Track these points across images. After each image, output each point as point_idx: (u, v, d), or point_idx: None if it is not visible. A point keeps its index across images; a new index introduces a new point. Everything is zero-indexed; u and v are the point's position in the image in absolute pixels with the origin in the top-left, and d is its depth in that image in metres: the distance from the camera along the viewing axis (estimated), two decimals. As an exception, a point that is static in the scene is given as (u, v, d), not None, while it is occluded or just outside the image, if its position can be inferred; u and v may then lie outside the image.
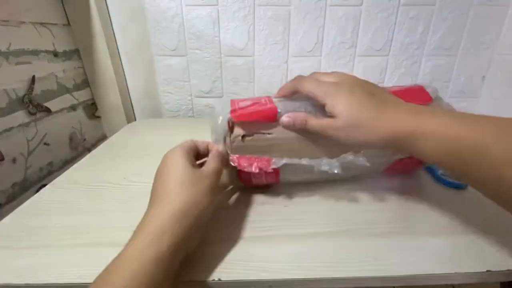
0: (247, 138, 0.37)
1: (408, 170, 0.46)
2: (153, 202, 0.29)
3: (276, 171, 0.38)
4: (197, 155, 0.36)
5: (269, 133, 0.37)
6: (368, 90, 0.34)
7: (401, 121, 0.30)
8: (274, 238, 0.33)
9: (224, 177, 0.39)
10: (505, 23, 0.72)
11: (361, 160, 0.35)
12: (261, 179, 0.40)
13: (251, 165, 0.36)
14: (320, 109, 0.35)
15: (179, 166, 0.31)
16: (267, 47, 0.74)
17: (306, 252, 0.31)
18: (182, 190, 0.29)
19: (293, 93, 0.38)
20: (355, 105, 0.32)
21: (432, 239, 0.33)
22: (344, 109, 0.32)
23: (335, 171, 0.35)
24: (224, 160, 0.36)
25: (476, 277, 0.29)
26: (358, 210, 0.38)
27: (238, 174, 0.40)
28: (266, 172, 0.38)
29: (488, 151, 0.24)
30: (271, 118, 0.36)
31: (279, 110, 0.36)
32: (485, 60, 0.77)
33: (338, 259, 0.30)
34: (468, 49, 0.75)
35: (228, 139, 0.37)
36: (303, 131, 0.36)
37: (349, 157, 0.36)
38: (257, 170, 0.36)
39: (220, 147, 0.37)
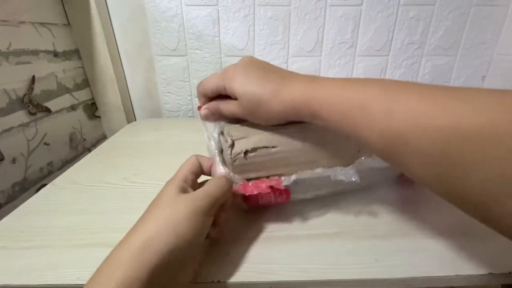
0: (250, 155, 0.34)
1: None
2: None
3: (287, 190, 0.35)
4: (202, 173, 0.34)
5: (273, 147, 0.34)
6: (264, 67, 0.34)
7: (298, 90, 0.30)
8: (274, 240, 0.33)
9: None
10: (505, 23, 0.72)
11: (376, 162, 0.34)
12: (270, 200, 0.36)
13: (259, 186, 0.33)
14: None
15: (164, 191, 0.28)
16: (267, 47, 0.74)
17: (307, 254, 0.31)
18: (152, 213, 0.26)
19: (213, 99, 0.38)
20: (252, 83, 0.32)
21: (433, 241, 0.33)
22: (241, 89, 0.33)
23: (353, 179, 0.33)
24: (225, 185, 0.31)
25: (477, 279, 0.29)
26: (359, 212, 0.38)
27: (243, 197, 0.35)
28: (275, 192, 0.35)
29: (369, 108, 0.25)
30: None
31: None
32: (485, 60, 0.77)
33: (338, 261, 0.30)
34: (468, 49, 0.75)
35: (227, 156, 0.34)
36: (307, 139, 0.35)
37: (363, 161, 0.35)
38: (268, 190, 0.33)
39: (222, 171, 0.33)
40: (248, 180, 0.34)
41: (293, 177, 0.33)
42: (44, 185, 0.46)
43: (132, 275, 0.21)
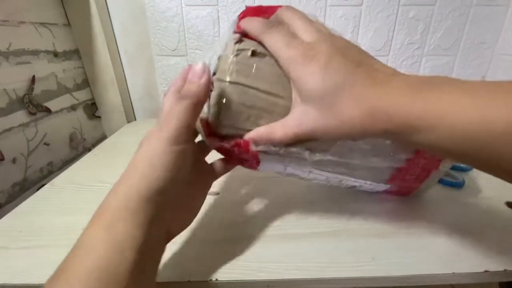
0: (258, 57, 0.27)
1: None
2: None
3: (256, 158, 0.29)
4: None
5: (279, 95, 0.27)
6: (354, 58, 0.24)
7: (393, 102, 0.22)
8: (272, 238, 0.33)
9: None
10: (505, 23, 0.72)
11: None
12: (233, 158, 0.30)
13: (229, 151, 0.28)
14: None
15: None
16: (267, 47, 0.74)
17: (304, 252, 0.31)
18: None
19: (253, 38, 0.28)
20: (332, 81, 0.23)
21: (430, 239, 0.33)
22: (315, 88, 0.24)
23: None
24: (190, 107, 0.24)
25: (474, 277, 0.29)
26: (356, 211, 0.38)
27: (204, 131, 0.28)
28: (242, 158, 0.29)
29: None
30: None
31: None
32: (485, 60, 0.76)
33: (336, 259, 0.30)
34: (468, 49, 0.75)
35: (228, 50, 0.27)
36: None
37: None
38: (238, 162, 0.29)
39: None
40: (235, 84, 0.27)
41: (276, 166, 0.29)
42: (44, 185, 0.46)
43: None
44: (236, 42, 0.27)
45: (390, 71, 0.24)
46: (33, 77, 0.56)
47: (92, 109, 0.76)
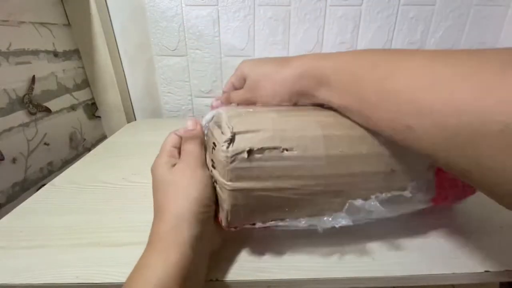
0: (257, 156, 0.25)
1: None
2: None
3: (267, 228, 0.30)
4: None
5: (287, 149, 0.26)
6: (275, 58, 0.35)
7: (307, 58, 0.31)
8: (273, 238, 0.33)
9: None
10: (505, 23, 0.72)
11: (373, 206, 0.28)
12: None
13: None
14: None
15: (159, 176, 0.29)
16: (267, 47, 0.74)
17: (305, 253, 0.31)
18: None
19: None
20: (261, 61, 0.35)
21: (430, 240, 0.33)
22: (250, 68, 0.35)
23: (343, 223, 0.28)
24: (194, 135, 0.31)
25: (474, 277, 0.29)
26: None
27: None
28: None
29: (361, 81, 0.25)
30: None
31: None
32: (485, 60, 0.76)
33: (336, 259, 0.30)
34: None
35: (220, 154, 0.26)
36: (334, 146, 0.27)
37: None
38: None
39: (189, 124, 0.33)
40: (238, 190, 0.26)
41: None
42: (44, 185, 0.46)
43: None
44: (229, 144, 0.25)
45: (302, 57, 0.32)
46: (33, 77, 0.56)
47: (92, 109, 0.76)
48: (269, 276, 0.29)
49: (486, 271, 0.28)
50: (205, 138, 0.32)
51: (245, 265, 0.30)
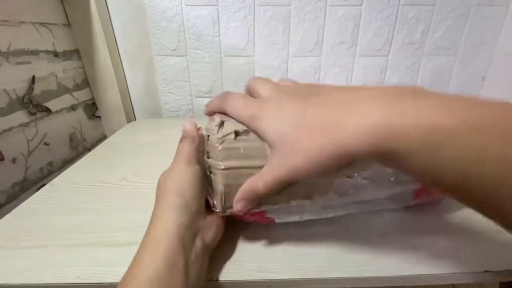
0: (242, 137, 0.28)
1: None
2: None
3: (264, 217, 0.32)
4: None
5: None
6: (303, 94, 0.25)
7: (373, 113, 0.20)
8: (272, 238, 0.33)
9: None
10: (505, 23, 0.72)
11: (359, 181, 0.29)
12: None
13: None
14: None
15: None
16: (267, 47, 0.74)
17: (304, 252, 0.31)
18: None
19: (220, 112, 0.31)
20: (284, 121, 0.24)
21: (430, 239, 0.33)
22: (272, 132, 0.25)
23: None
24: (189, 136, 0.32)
25: (474, 277, 0.29)
26: (356, 211, 0.38)
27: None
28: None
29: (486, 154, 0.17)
30: None
31: None
32: (485, 60, 0.77)
33: (336, 259, 0.30)
34: (468, 49, 0.75)
35: (213, 138, 0.29)
36: None
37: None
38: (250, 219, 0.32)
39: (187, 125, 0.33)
40: (229, 169, 0.28)
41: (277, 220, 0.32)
42: (44, 185, 0.46)
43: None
44: (219, 128, 0.29)
45: (349, 94, 0.23)
46: (33, 77, 0.56)
47: (92, 109, 0.76)
48: (269, 276, 0.29)
49: (486, 271, 0.28)
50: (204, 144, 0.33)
51: (245, 265, 0.30)
